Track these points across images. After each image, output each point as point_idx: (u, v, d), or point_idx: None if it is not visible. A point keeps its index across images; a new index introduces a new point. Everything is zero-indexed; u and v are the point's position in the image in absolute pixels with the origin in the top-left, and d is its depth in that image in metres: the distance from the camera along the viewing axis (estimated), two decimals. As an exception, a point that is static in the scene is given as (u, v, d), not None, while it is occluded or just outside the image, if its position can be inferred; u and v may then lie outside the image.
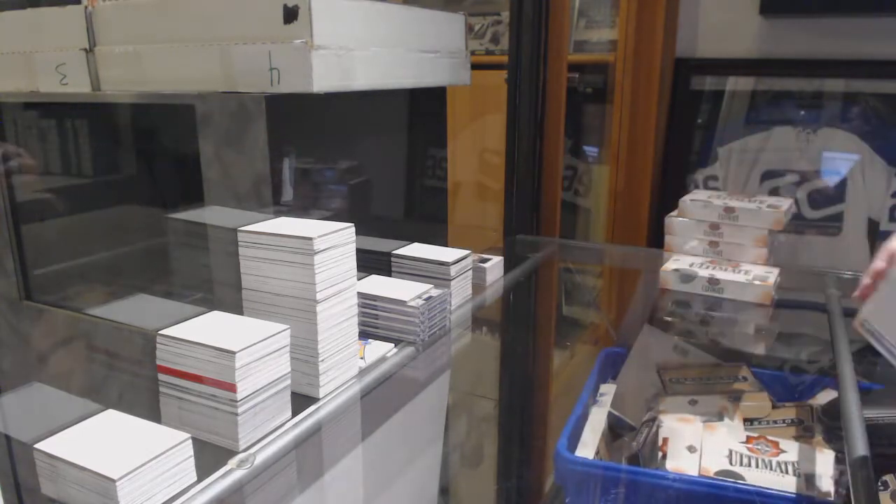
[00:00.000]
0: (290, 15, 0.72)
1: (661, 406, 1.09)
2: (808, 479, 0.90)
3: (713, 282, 1.10)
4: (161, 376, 0.64)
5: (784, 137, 1.63)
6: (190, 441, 0.57)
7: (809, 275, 1.28)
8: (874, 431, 0.70)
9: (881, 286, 0.76)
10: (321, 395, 0.72)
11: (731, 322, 1.13)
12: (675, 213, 1.22)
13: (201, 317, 0.68)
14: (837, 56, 1.57)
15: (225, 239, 0.79)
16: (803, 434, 1.01)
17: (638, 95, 1.63)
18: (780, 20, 1.61)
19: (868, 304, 0.76)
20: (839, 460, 0.91)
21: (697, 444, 0.98)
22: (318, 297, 0.68)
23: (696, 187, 1.70)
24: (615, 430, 1.14)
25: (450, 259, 0.95)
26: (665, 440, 1.01)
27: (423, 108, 1.15)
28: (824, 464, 0.92)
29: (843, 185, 1.59)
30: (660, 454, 0.99)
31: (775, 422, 1.05)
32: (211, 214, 0.83)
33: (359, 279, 0.77)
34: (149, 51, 0.81)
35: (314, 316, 0.69)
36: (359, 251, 0.73)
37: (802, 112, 1.62)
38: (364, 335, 0.85)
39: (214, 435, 0.63)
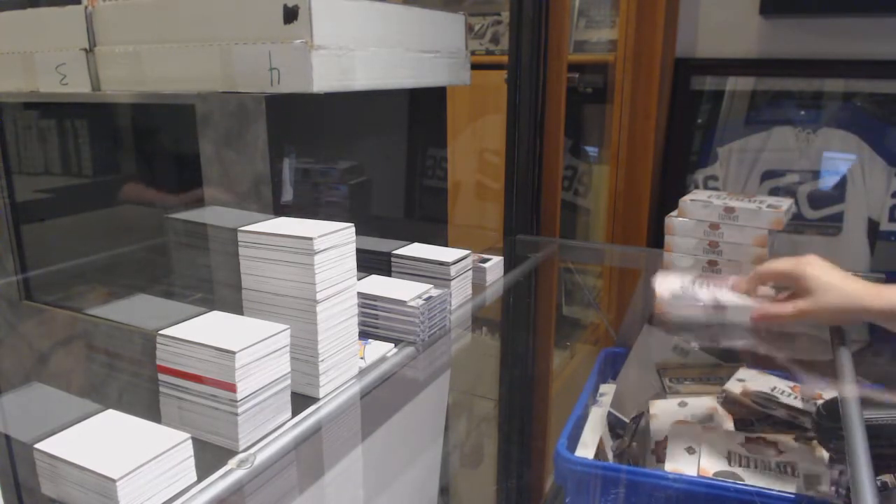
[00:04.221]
0: (290, 15, 0.72)
1: (654, 409, 1.09)
2: (808, 479, 0.90)
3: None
4: (161, 376, 0.64)
5: (784, 137, 1.63)
6: (190, 441, 0.57)
7: (809, 275, 1.27)
8: (874, 431, 0.70)
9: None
10: (321, 395, 0.72)
11: (731, 322, 1.13)
12: (675, 213, 1.21)
13: (201, 317, 0.68)
14: (837, 56, 1.57)
15: (225, 239, 0.79)
16: (802, 435, 1.01)
17: (638, 95, 1.63)
18: (780, 20, 1.61)
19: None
20: (839, 460, 0.91)
21: (696, 445, 0.98)
22: (318, 297, 0.68)
23: (696, 187, 1.70)
24: (615, 430, 1.14)
25: (450, 259, 0.95)
26: (664, 441, 1.01)
27: (423, 108, 1.15)
28: (824, 464, 0.92)
29: (842, 185, 1.59)
30: (651, 454, 0.99)
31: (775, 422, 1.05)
32: (211, 214, 0.83)
33: (359, 279, 0.77)
34: (149, 51, 0.81)
35: (314, 316, 0.69)
36: (359, 251, 0.73)
37: (802, 112, 1.63)
38: (364, 335, 0.85)
39: (214, 435, 0.63)
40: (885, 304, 0.78)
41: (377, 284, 0.89)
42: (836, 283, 0.81)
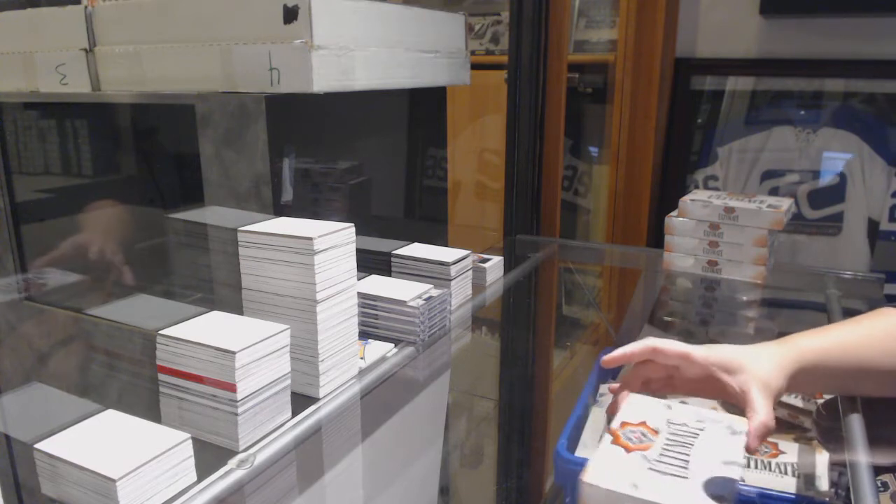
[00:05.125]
0: (290, 15, 0.72)
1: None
2: (808, 479, 0.90)
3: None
4: (161, 376, 0.64)
5: (784, 137, 1.63)
6: (190, 441, 0.57)
7: (809, 275, 1.28)
8: (874, 431, 0.70)
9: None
10: (321, 395, 0.72)
11: (731, 322, 1.13)
12: (675, 213, 1.22)
13: (201, 317, 0.68)
14: (837, 56, 1.57)
15: (225, 239, 0.79)
16: (802, 435, 1.01)
17: (638, 95, 1.63)
18: (780, 20, 1.61)
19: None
20: (839, 461, 0.91)
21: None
22: (318, 297, 0.68)
23: (696, 187, 1.70)
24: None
25: (450, 259, 0.95)
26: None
27: (423, 108, 1.15)
28: (823, 465, 0.92)
29: (843, 185, 1.59)
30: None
31: (775, 422, 1.05)
32: (211, 214, 0.84)
33: (359, 279, 0.77)
34: (149, 51, 0.81)
35: (314, 316, 0.69)
36: (359, 251, 0.73)
37: (802, 112, 1.63)
38: (364, 335, 0.85)
39: (214, 435, 0.63)
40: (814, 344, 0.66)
41: (377, 284, 0.89)
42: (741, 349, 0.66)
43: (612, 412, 0.74)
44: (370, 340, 0.84)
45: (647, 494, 0.51)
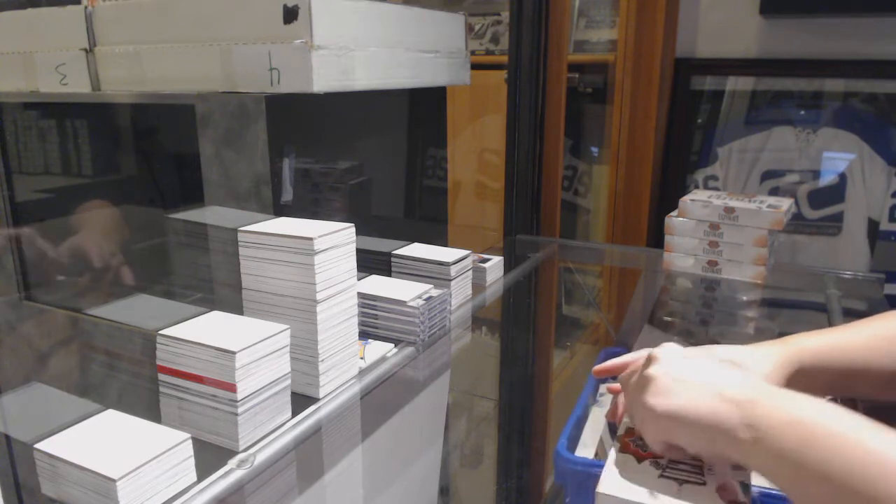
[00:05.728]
0: (290, 15, 0.72)
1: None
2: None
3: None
4: (161, 376, 0.64)
5: (784, 137, 1.63)
6: (190, 441, 0.57)
7: (809, 275, 1.28)
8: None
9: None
10: (321, 395, 0.72)
11: (731, 322, 1.13)
12: (675, 213, 1.22)
13: (201, 317, 0.68)
14: (837, 56, 1.57)
15: (225, 239, 0.79)
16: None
17: (638, 95, 1.63)
18: (780, 20, 1.61)
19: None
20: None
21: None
22: (318, 297, 0.68)
23: (696, 187, 1.70)
24: (615, 430, 1.14)
25: (450, 259, 0.95)
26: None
27: (423, 108, 1.15)
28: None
29: (842, 185, 1.59)
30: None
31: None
32: (211, 214, 0.84)
33: (359, 279, 0.77)
34: (149, 51, 0.81)
35: (314, 316, 0.69)
36: (359, 251, 0.73)
37: (802, 112, 1.63)
38: (364, 335, 0.85)
39: (214, 435, 0.63)
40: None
41: (377, 284, 0.89)
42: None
43: (611, 418, 0.74)
44: (370, 340, 0.84)
45: (668, 503, 0.50)
